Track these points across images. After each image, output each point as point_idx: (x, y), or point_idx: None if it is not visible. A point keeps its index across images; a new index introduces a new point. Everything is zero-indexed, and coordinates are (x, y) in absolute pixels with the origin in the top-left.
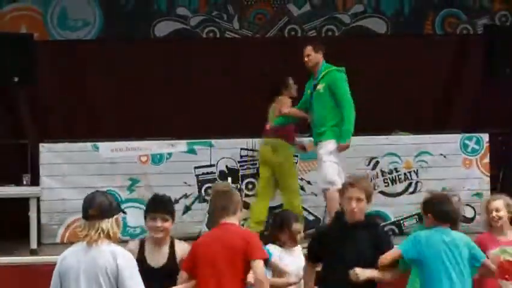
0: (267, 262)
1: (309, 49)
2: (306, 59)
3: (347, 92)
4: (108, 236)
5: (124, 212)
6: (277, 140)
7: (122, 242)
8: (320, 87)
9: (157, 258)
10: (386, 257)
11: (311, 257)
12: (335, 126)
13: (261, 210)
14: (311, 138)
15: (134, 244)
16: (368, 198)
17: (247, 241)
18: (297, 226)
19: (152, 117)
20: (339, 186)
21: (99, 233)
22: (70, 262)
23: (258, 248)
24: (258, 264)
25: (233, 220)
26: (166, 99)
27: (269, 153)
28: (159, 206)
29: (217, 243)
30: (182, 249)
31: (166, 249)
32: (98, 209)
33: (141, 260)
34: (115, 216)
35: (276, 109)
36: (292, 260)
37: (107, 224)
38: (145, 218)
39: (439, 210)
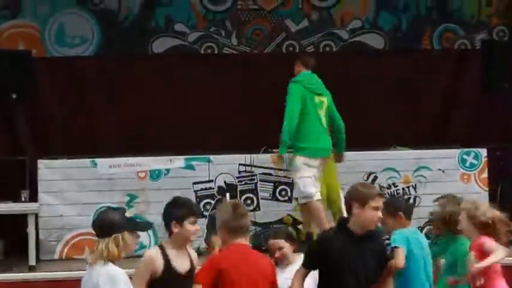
0: None
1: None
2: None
3: (288, 103)
4: (104, 256)
5: (134, 231)
6: None
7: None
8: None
9: (182, 263)
10: (402, 259)
11: (309, 264)
12: (295, 141)
13: None
14: None
15: (154, 252)
16: None
17: (272, 265)
18: (271, 242)
19: (150, 133)
20: (317, 197)
21: (95, 253)
22: (82, 282)
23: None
24: None
25: (245, 241)
26: (164, 115)
27: None
28: (197, 209)
29: (245, 265)
30: (193, 254)
31: (186, 253)
32: (97, 227)
33: (168, 267)
34: (113, 235)
35: None
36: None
37: (103, 243)
38: (178, 221)
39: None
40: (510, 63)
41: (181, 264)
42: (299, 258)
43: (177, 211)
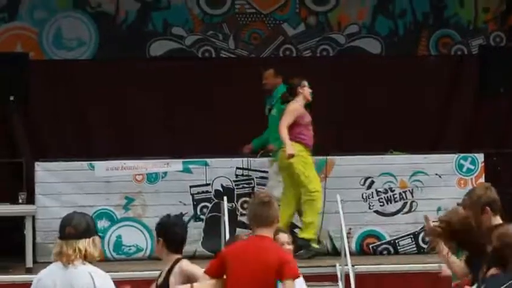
0: None
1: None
2: (264, 81)
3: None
4: (84, 256)
5: (100, 236)
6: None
7: (116, 261)
8: (274, 111)
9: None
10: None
11: None
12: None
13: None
14: None
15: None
16: None
17: (281, 260)
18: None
19: (147, 136)
20: None
21: (76, 253)
22: (46, 283)
23: (292, 267)
24: (290, 285)
25: (267, 232)
26: (161, 118)
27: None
28: None
29: (247, 256)
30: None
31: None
32: (75, 228)
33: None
34: (92, 237)
35: (287, 112)
36: None
37: (84, 243)
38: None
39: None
40: (506, 68)
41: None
42: None
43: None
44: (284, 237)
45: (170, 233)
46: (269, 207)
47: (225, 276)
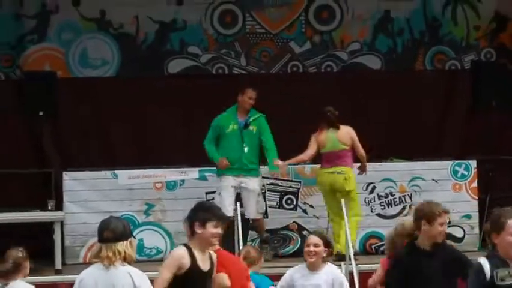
0: None
1: (255, 93)
2: (251, 101)
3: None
4: (124, 258)
5: (134, 237)
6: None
7: (138, 262)
8: (253, 128)
9: (204, 263)
10: None
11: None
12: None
13: None
14: None
15: (182, 250)
16: None
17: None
18: (310, 237)
19: (167, 147)
20: None
21: (116, 255)
22: (89, 283)
23: None
24: None
25: None
26: (180, 130)
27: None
28: (221, 214)
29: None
30: (213, 255)
31: (207, 254)
32: (113, 232)
33: (194, 265)
34: (129, 239)
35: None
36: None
37: (122, 246)
38: (200, 223)
39: None
40: (497, 82)
41: (204, 263)
42: (327, 266)
43: (202, 214)
44: (316, 239)
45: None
46: None
47: None
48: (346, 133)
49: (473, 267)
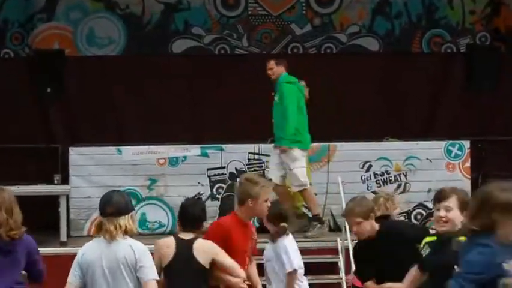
0: None
1: (272, 63)
2: (269, 71)
3: (290, 103)
4: (125, 231)
5: (135, 211)
6: None
7: (140, 236)
8: (276, 98)
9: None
10: None
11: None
12: (293, 134)
13: None
14: None
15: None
16: None
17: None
18: None
19: (170, 124)
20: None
21: (117, 229)
22: (91, 256)
23: None
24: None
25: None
26: (183, 108)
27: None
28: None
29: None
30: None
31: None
32: (115, 206)
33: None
34: (130, 213)
35: None
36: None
37: (124, 220)
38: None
39: None
40: (491, 65)
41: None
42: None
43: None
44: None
45: (183, 213)
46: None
47: None
48: None
49: None
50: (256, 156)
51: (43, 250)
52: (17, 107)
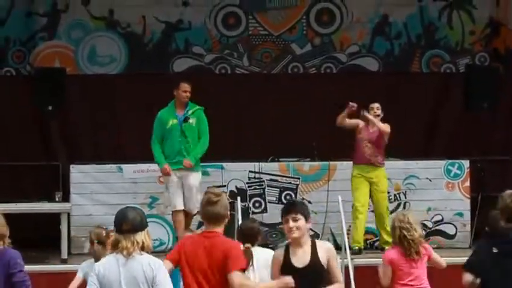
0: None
1: (190, 86)
2: (187, 94)
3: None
4: (142, 247)
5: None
6: None
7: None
8: (192, 121)
9: (301, 258)
10: None
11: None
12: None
13: None
14: None
15: (280, 251)
16: None
17: (226, 255)
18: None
19: None
20: None
21: (134, 245)
22: (109, 273)
23: (235, 261)
24: (237, 276)
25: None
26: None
27: None
28: (290, 208)
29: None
30: (325, 249)
31: (307, 248)
32: (131, 223)
33: (286, 262)
34: (146, 229)
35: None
36: None
37: (140, 236)
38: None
39: None
40: (490, 85)
41: (299, 258)
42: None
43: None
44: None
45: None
46: (215, 206)
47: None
48: None
49: None
50: (257, 175)
51: (44, 267)
52: (18, 125)
